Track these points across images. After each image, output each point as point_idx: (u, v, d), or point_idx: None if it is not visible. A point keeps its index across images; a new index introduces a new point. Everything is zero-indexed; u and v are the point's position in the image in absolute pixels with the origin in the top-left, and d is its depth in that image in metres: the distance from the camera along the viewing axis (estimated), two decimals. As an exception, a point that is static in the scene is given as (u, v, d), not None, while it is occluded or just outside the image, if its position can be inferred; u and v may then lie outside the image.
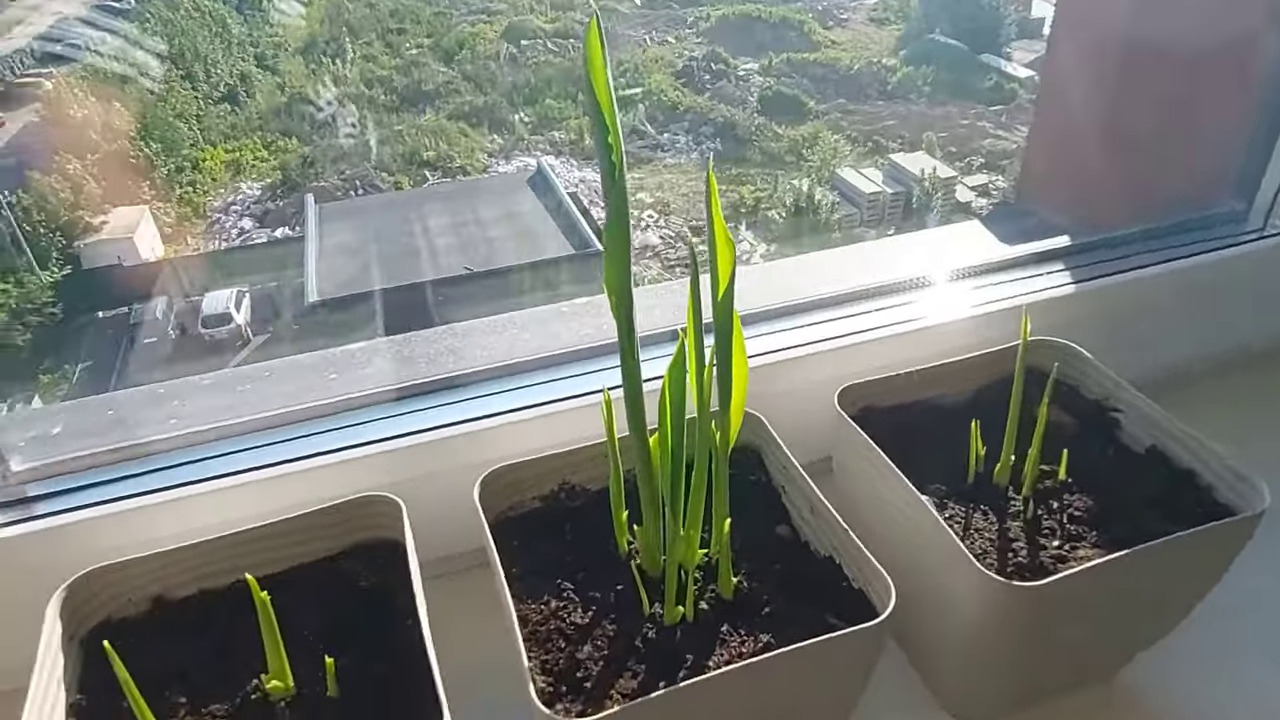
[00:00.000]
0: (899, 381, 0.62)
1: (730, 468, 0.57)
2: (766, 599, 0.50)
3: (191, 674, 0.49)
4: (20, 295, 6.64)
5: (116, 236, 7.17)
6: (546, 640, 0.48)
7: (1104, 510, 0.55)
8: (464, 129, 9.59)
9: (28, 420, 0.67)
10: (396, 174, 8.90)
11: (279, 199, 8.57)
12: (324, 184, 8.72)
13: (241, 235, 8.20)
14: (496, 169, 9.20)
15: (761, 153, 8.96)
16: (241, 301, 6.63)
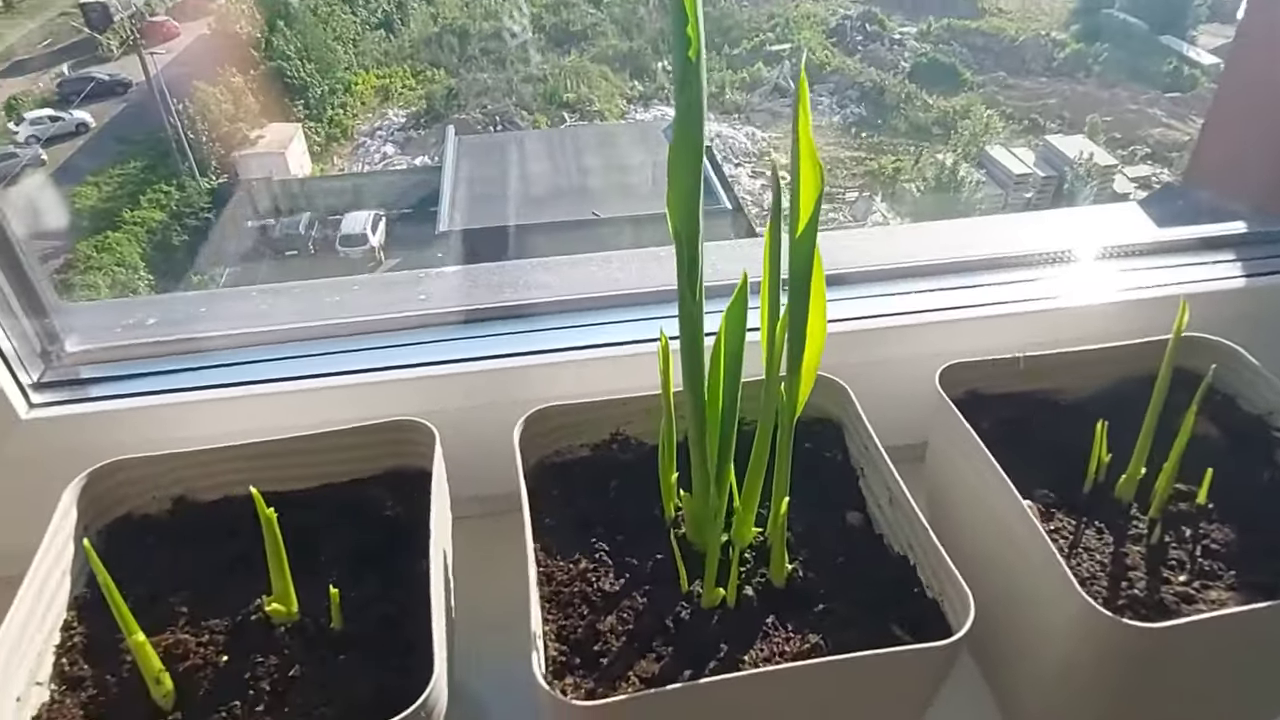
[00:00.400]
0: (1014, 366, 0.54)
1: (804, 439, 0.51)
2: (823, 593, 0.44)
3: (200, 583, 0.46)
4: (180, 199, 7.06)
5: (270, 151, 7.52)
6: (569, 604, 0.43)
7: (1249, 546, 0.46)
8: (606, 73, 9.54)
9: (128, 308, 0.66)
10: (536, 113, 8.96)
11: (422, 128, 8.78)
12: (465, 117, 8.88)
13: (384, 160, 8.46)
14: (634, 116, 9.13)
15: (907, 122, 8.56)
16: (378, 224, 6.85)
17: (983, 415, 0.53)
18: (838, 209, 7.48)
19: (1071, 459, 0.50)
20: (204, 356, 0.61)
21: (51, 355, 0.58)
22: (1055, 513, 0.48)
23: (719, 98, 8.87)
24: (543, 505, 0.49)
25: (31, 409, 0.55)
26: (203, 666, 0.42)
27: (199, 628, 0.44)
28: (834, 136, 8.48)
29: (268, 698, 0.41)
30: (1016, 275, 0.68)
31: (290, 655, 0.43)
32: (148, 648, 0.40)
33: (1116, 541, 0.46)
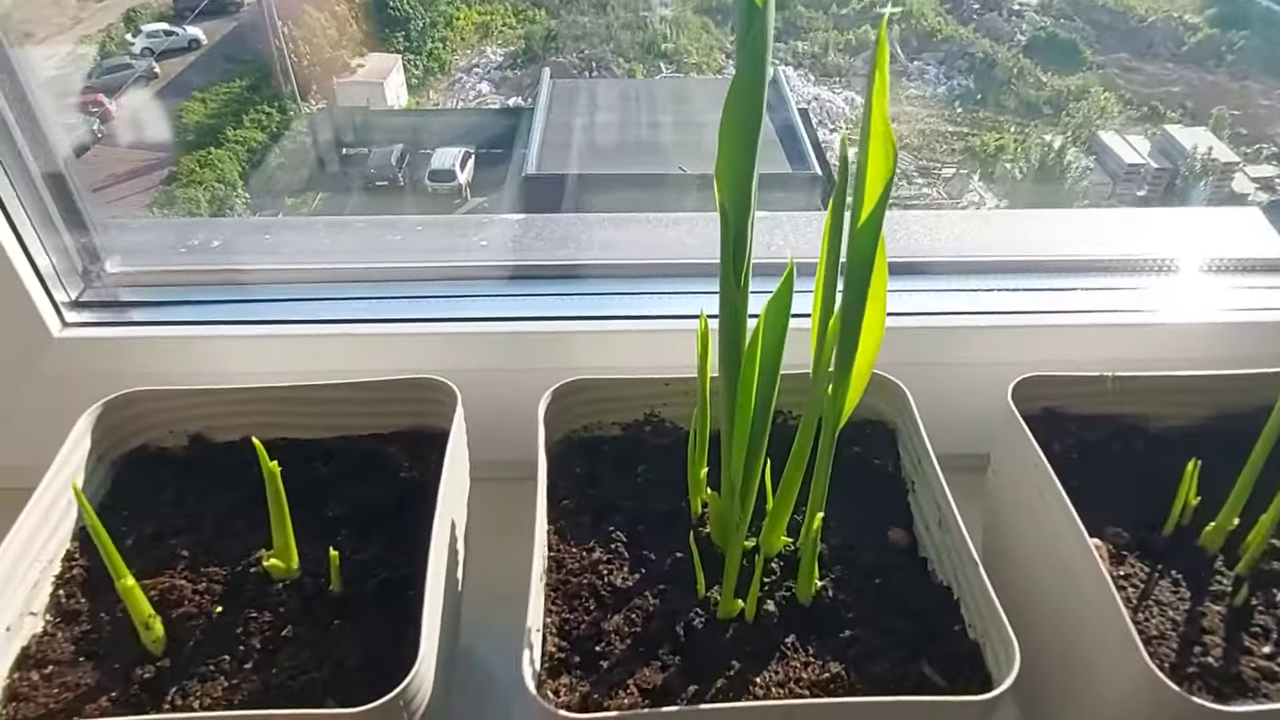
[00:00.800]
0: (1101, 385, 0.48)
1: (852, 442, 0.47)
2: (852, 617, 0.40)
3: (205, 527, 0.45)
4: (281, 121, 7.21)
5: (369, 80, 7.59)
6: (575, 596, 0.41)
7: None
8: (706, 24, 9.33)
9: (192, 228, 0.65)
10: (632, 61, 8.82)
11: (518, 68, 8.75)
12: (562, 60, 8.81)
13: (478, 98, 8.48)
14: (729, 71, 8.91)
15: (1017, 99, 8.16)
16: (467, 162, 6.88)
17: (1058, 436, 0.48)
18: (932, 184, 7.21)
19: (1155, 497, 0.45)
20: (249, 290, 0.60)
21: (92, 274, 0.57)
22: (1127, 556, 0.43)
23: (821, 59, 8.59)
24: (563, 484, 0.46)
25: (65, 328, 0.54)
26: (196, 615, 0.41)
27: (198, 574, 0.42)
28: (936, 108, 8.15)
29: (256, 655, 0.39)
30: (1114, 280, 0.61)
31: (284, 614, 0.41)
32: (136, 592, 0.38)
33: (1194, 598, 0.41)
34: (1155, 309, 0.58)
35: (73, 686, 0.38)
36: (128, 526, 0.45)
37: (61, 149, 0.54)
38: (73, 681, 0.38)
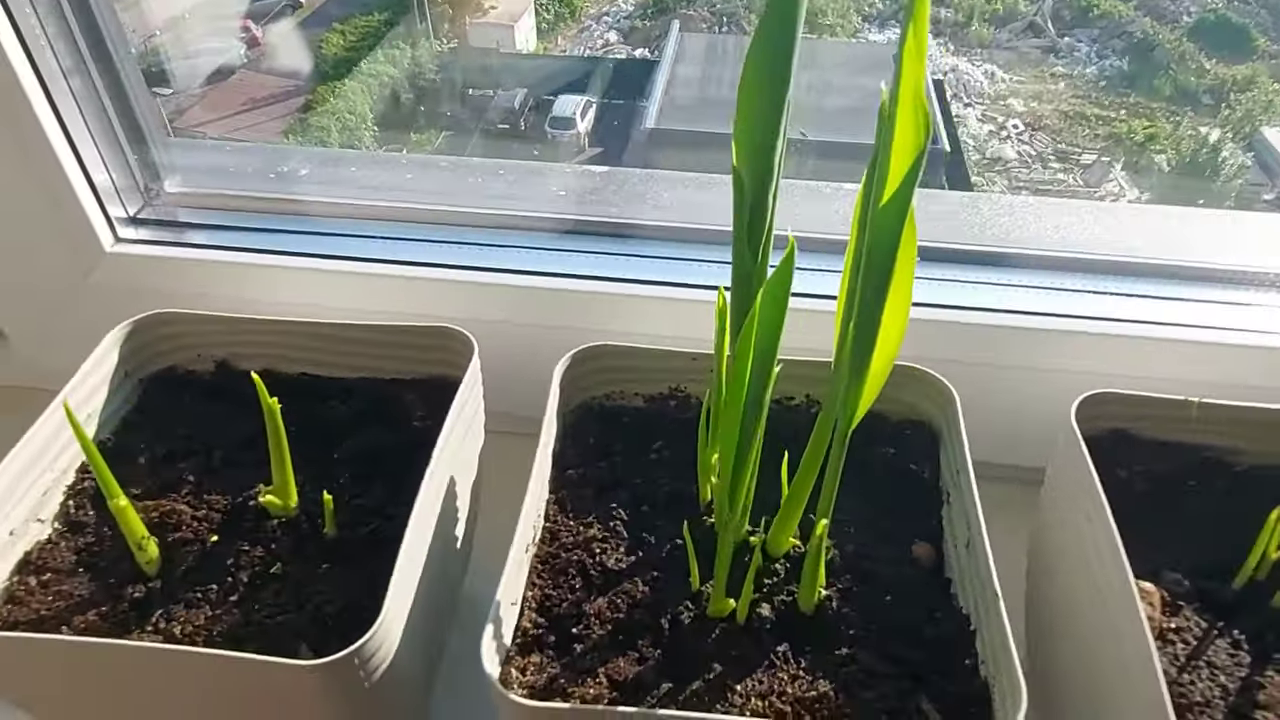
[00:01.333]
0: (1184, 410, 0.43)
1: (889, 443, 0.43)
2: (853, 635, 0.37)
3: (215, 454, 0.45)
4: (412, 58, 7.37)
5: (500, 22, 7.66)
6: (563, 572, 0.39)
7: None
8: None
9: (284, 154, 0.66)
10: (763, 18, 8.58)
11: (648, 19, 8.66)
12: (693, 13, 8.67)
13: (605, 46, 8.45)
14: (866, 36, 8.58)
15: (1174, 85, 7.56)
16: (588, 111, 6.88)
17: (1125, 462, 0.43)
18: (1069, 170, 6.79)
19: (1231, 544, 0.40)
20: (310, 221, 0.59)
21: (152, 192, 0.57)
22: (1184, 607, 0.38)
23: (964, 28, 8.17)
24: (572, 452, 0.44)
25: (118, 243, 0.55)
26: (192, 541, 0.41)
27: (200, 501, 0.43)
28: (1084, 89, 7.64)
29: (243, 589, 0.39)
30: (1229, 294, 0.54)
31: (276, 551, 0.40)
32: (129, 513, 0.38)
33: (1255, 664, 0.36)
34: (1271, 329, 0.51)
35: (66, 596, 0.39)
36: (144, 445, 0.45)
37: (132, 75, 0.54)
38: (67, 591, 0.39)
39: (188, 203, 0.58)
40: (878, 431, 0.44)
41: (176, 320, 0.47)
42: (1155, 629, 0.37)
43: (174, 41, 4.67)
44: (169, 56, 4.56)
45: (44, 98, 0.49)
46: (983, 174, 6.71)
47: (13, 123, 0.49)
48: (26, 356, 0.61)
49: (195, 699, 0.37)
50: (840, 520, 0.41)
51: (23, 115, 0.49)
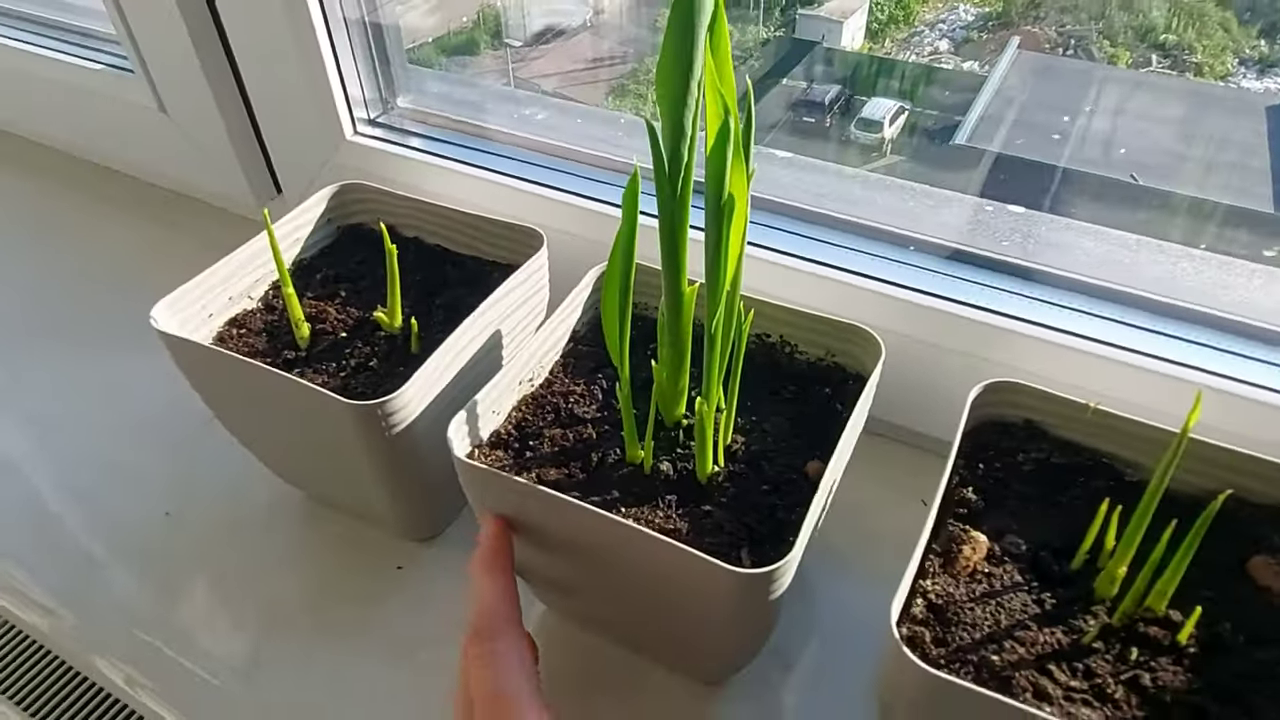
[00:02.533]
0: (1078, 410, 0.48)
1: (824, 385, 0.53)
2: (723, 502, 0.48)
3: (361, 282, 0.64)
4: (738, 42, 7.65)
5: (831, 16, 7.73)
6: (541, 407, 0.53)
7: (1182, 705, 0.39)
8: (1228, 21, 8.01)
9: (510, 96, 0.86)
10: (1119, 46, 7.92)
11: (986, 32, 8.30)
12: (1037, 31, 8.18)
13: (932, 54, 8.24)
14: (1238, 81, 7.62)
15: None
16: (898, 117, 6.79)
17: (1029, 449, 0.50)
18: None
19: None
20: (490, 144, 0.78)
21: (389, 104, 0.78)
22: (1009, 563, 0.45)
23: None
24: (587, 337, 0.58)
25: (355, 134, 0.76)
26: (330, 333, 0.60)
27: (343, 309, 0.62)
28: None
29: (350, 368, 0.57)
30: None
31: (375, 351, 0.58)
32: (293, 299, 0.58)
33: (1041, 619, 0.43)
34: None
35: (248, 345, 0.59)
36: (324, 267, 0.65)
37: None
38: (250, 342, 0.59)
39: (413, 117, 0.78)
40: (817, 374, 0.54)
41: (365, 190, 0.67)
42: (968, 567, 0.45)
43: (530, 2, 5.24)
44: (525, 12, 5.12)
45: (324, 27, 0.71)
46: None
47: (301, 46, 0.71)
48: (291, 205, 0.85)
49: (287, 414, 0.55)
50: (764, 431, 0.52)
51: (307, 39, 0.71)
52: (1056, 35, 6.67)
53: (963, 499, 0.47)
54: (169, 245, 0.91)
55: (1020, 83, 6.75)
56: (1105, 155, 5.43)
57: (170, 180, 0.96)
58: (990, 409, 0.50)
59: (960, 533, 0.46)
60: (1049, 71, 6.73)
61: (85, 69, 0.89)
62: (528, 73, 5.87)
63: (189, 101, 0.82)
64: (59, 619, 0.61)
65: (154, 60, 0.81)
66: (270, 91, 0.77)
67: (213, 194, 0.93)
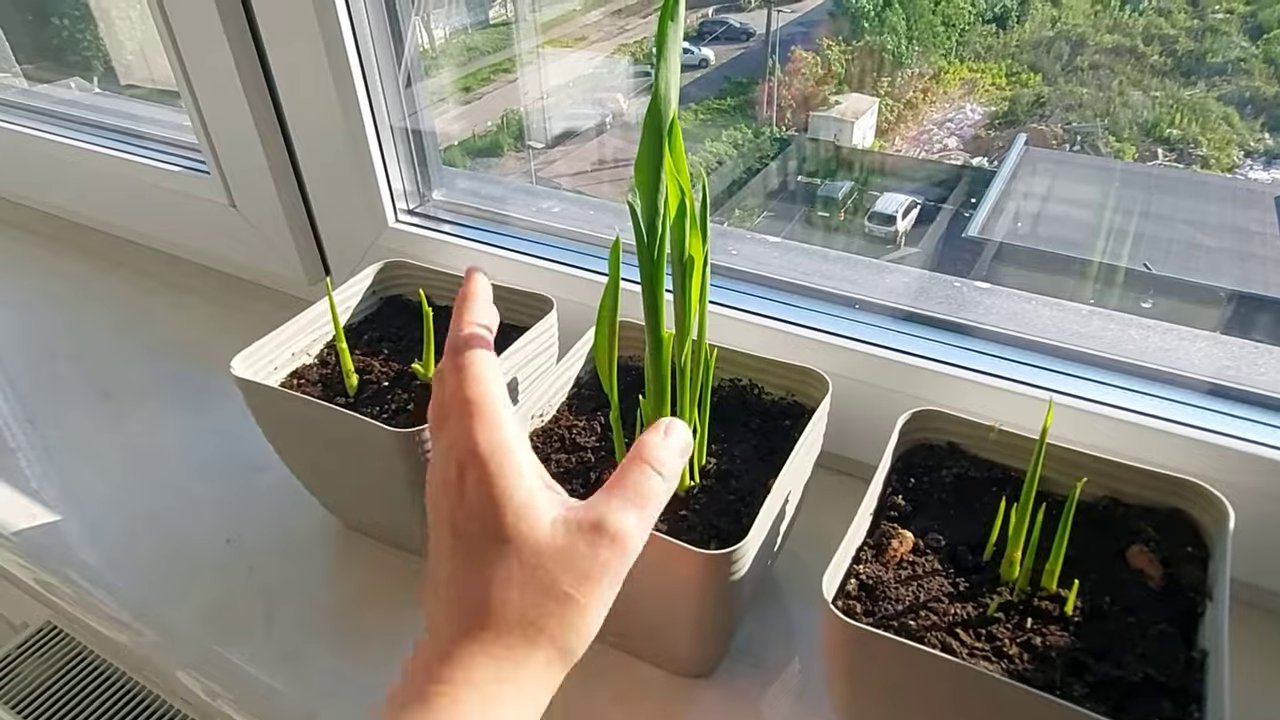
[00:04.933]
0: (984, 431, 0.59)
1: (785, 418, 0.64)
2: (697, 509, 0.58)
3: (403, 343, 0.76)
4: (752, 143, 7.99)
5: (842, 118, 8.05)
6: (549, 438, 0.64)
7: (1064, 658, 0.48)
8: (1230, 116, 8.25)
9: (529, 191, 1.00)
10: (1124, 141, 8.15)
11: (994, 129, 8.58)
12: (1044, 128, 8.45)
13: (942, 151, 8.51)
14: (1244, 173, 7.80)
15: None
16: (911, 211, 6.99)
17: (950, 466, 0.60)
18: None
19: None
20: (511, 229, 0.91)
21: (425, 197, 0.92)
22: (929, 555, 0.55)
23: None
24: (589, 382, 0.69)
25: (397, 222, 0.90)
26: (374, 383, 0.72)
27: (386, 364, 0.73)
28: None
29: (389, 412, 0.69)
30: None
31: (412, 396, 0.70)
32: (346, 355, 0.70)
33: (956, 596, 0.52)
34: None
35: (308, 393, 0.71)
36: (370, 330, 0.78)
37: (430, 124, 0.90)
38: (309, 391, 0.71)
39: (446, 208, 0.92)
40: (777, 407, 0.65)
41: (405, 266, 0.80)
42: (896, 557, 0.54)
43: (553, 105, 5.52)
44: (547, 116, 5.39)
45: (374, 133, 0.85)
46: None
47: (355, 149, 0.86)
48: (338, 284, 0.98)
49: (349, 452, 0.66)
50: (734, 455, 0.62)
51: (360, 143, 0.85)
52: (1063, 131, 6.83)
53: (895, 505, 0.57)
54: (229, 320, 1.04)
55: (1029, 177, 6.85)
56: (1114, 243, 5.42)
57: (232, 265, 1.10)
58: (919, 434, 0.61)
59: (890, 530, 0.56)
60: (1059, 165, 6.85)
61: (166, 171, 1.04)
62: (549, 172, 6.10)
63: (256, 197, 0.96)
64: (138, 634, 0.71)
65: (229, 163, 0.96)
66: (325, 187, 0.92)
67: (269, 275, 1.06)
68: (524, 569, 0.38)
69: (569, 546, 0.39)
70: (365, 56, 0.81)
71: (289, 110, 0.88)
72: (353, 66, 0.81)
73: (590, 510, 0.41)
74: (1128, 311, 0.72)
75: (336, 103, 0.83)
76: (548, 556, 0.39)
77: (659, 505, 0.43)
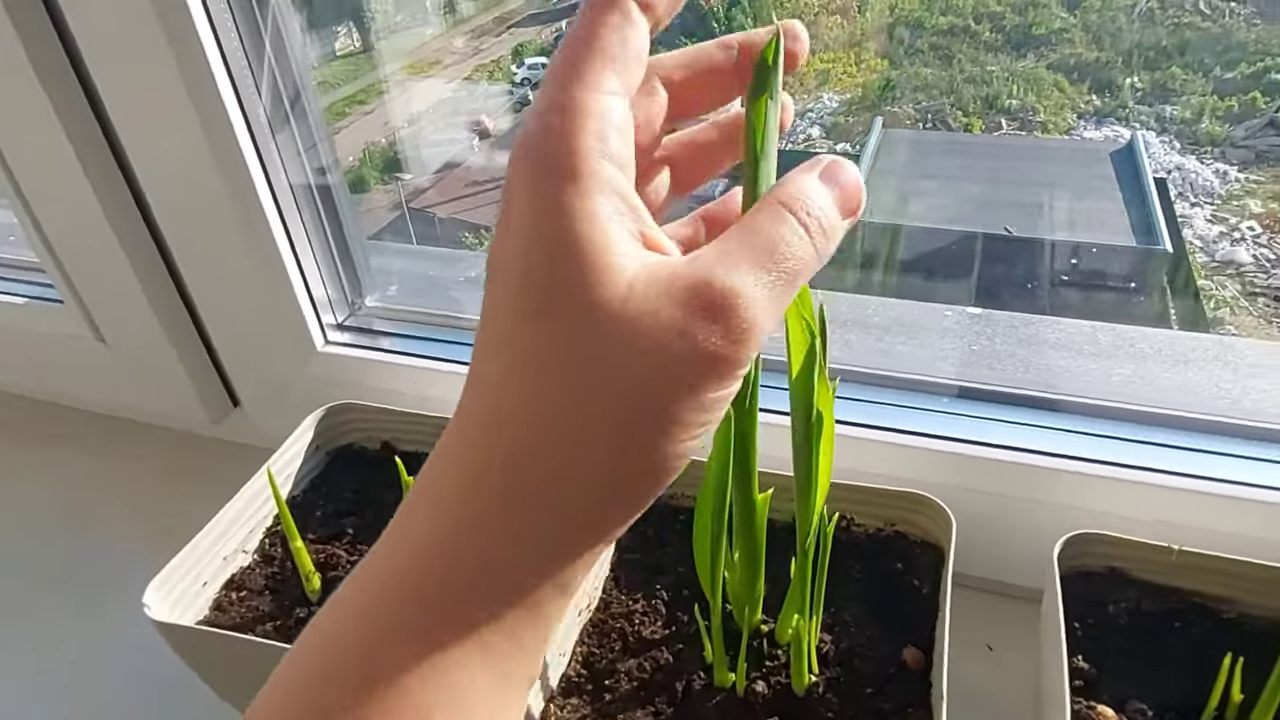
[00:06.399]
0: (1164, 554, 0.47)
1: (896, 559, 0.51)
2: (831, 717, 0.44)
3: (369, 513, 0.59)
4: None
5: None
6: (605, 635, 0.49)
7: None
8: (1060, 82, 8.71)
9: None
10: (971, 115, 8.49)
11: (850, 115, 8.81)
12: (897, 110, 8.72)
13: (807, 141, 8.67)
14: (1080, 133, 8.25)
15: None
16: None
17: (1117, 598, 0.48)
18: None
19: (1205, 683, 0.44)
20: (467, 334, 0.75)
21: (356, 306, 0.75)
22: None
23: (1191, 126, 7.68)
24: (632, 542, 0.54)
25: (327, 344, 0.72)
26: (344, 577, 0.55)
27: (354, 548, 0.56)
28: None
29: (375, 620, 0.52)
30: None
31: (401, 594, 0.53)
32: (303, 553, 0.53)
33: (1195, 792, 0.40)
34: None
35: (253, 610, 0.53)
36: (322, 501, 0.60)
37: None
38: (255, 606, 0.53)
39: (380, 314, 0.75)
40: (885, 548, 0.52)
41: (355, 409, 0.63)
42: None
43: (415, 135, 5.27)
44: (410, 147, 5.14)
45: (288, 242, 0.67)
46: (1211, 277, 6.20)
47: (264, 260, 0.68)
48: (253, 422, 0.79)
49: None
50: (845, 621, 0.49)
51: (270, 253, 0.67)
52: (915, 112, 7.08)
53: (1074, 668, 0.45)
54: (121, 476, 0.83)
55: (890, 157, 7.05)
56: (977, 212, 5.65)
57: (113, 407, 0.89)
58: (1074, 561, 0.48)
59: (1086, 710, 0.43)
60: (916, 145, 7.08)
61: (7, 304, 0.83)
62: (420, 203, 5.84)
63: (127, 325, 0.76)
64: None
65: (85, 286, 0.76)
66: (223, 298, 0.73)
67: (160, 414, 0.86)
68: (583, 362, 0.24)
69: (653, 326, 0.23)
70: (254, 122, 0.63)
71: (156, 204, 0.68)
72: (238, 132, 0.62)
73: (695, 268, 0.24)
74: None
75: (221, 185, 0.64)
76: (620, 341, 0.23)
77: (801, 274, 0.26)
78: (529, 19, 9.50)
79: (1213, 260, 6.26)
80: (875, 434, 0.59)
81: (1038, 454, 0.56)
